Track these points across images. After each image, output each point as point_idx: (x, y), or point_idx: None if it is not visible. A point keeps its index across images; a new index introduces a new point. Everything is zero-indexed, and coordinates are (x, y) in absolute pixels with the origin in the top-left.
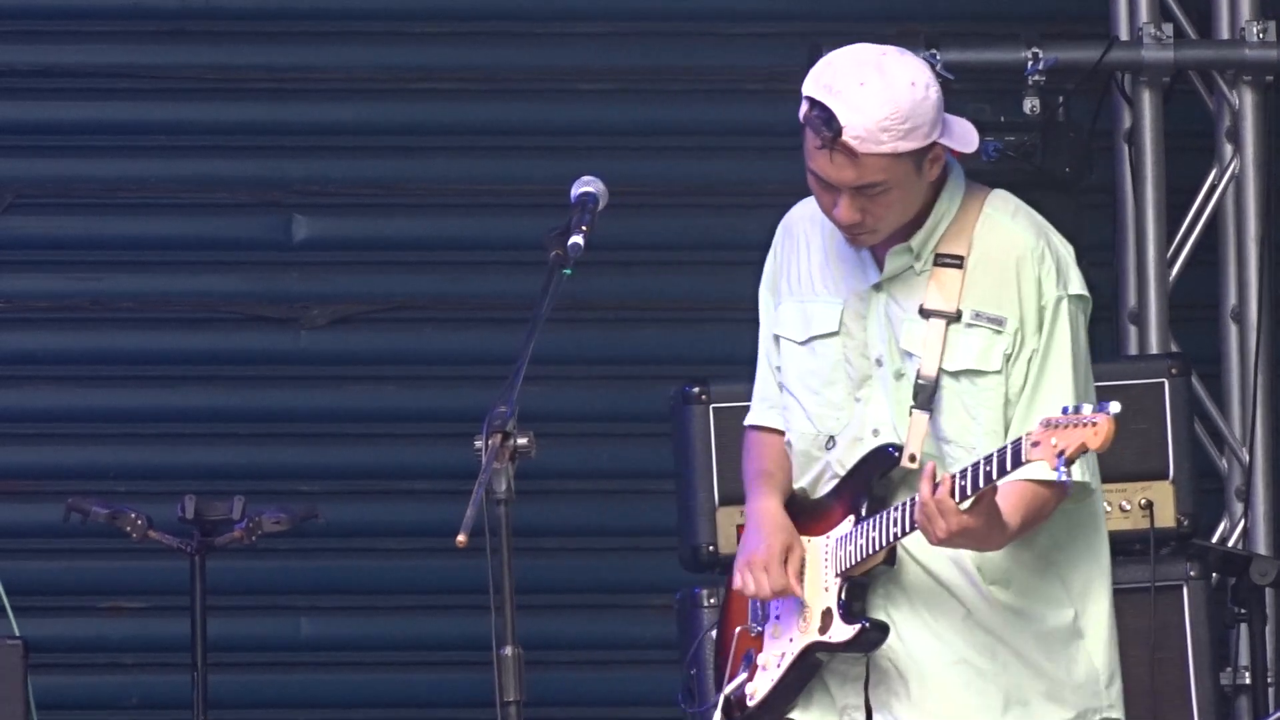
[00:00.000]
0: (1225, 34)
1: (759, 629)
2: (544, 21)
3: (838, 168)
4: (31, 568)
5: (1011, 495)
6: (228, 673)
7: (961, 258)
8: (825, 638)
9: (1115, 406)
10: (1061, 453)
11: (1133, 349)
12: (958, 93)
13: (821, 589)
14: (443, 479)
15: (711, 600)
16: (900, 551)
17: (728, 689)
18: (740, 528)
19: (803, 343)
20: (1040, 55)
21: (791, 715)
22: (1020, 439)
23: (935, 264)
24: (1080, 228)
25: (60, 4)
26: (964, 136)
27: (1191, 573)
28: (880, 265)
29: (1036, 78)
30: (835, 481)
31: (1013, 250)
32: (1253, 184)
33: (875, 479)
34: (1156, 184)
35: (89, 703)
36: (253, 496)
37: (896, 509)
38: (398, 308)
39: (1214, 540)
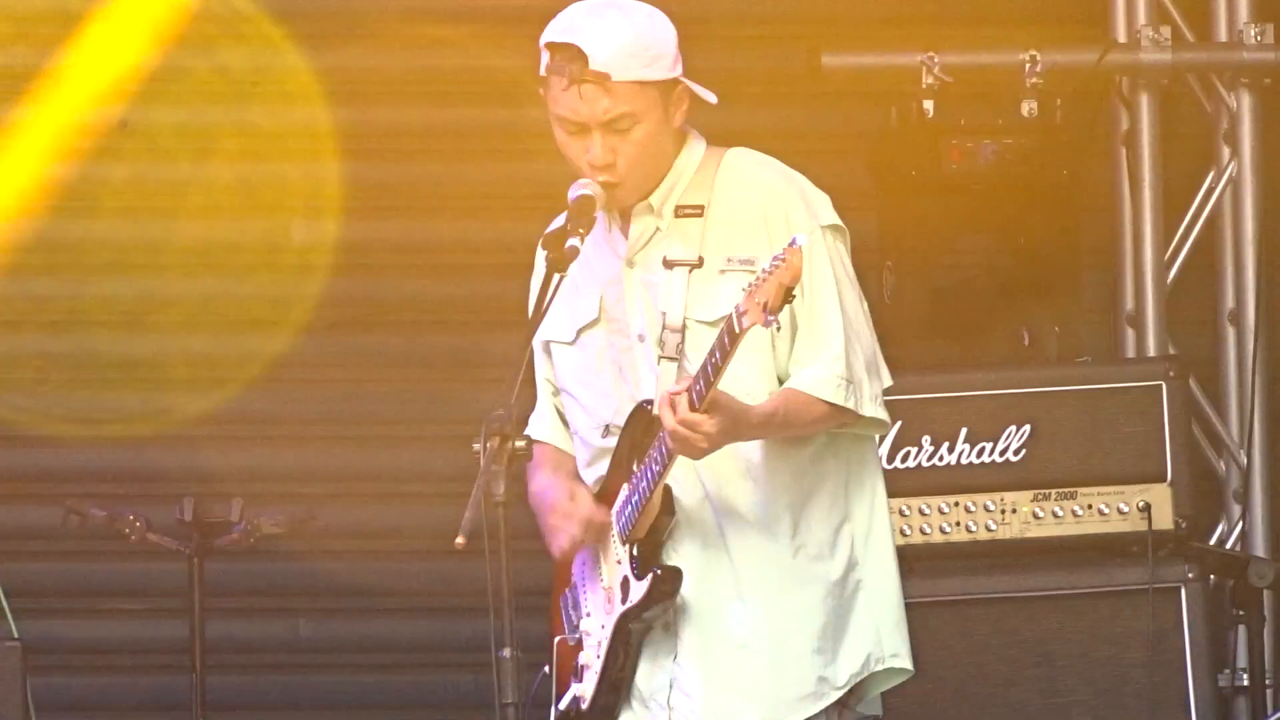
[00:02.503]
0: (1223, 36)
1: (576, 635)
2: (541, 22)
3: (589, 101)
4: (31, 569)
5: (775, 397)
6: (226, 674)
7: (701, 206)
8: (628, 604)
9: (802, 239)
10: (765, 305)
11: (1130, 351)
12: (956, 95)
13: (615, 562)
14: (441, 481)
15: None
16: (685, 500)
17: (562, 704)
18: None
19: (572, 341)
20: (1038, 58)
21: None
22: (730, 314)
23: (676, 216)
24: (1078, 231)
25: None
26: (705, 92)
27: (1189, 574)
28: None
29: (1034, 80)
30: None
31: (757, 191)
32: (1250, 187)
33: (636, 440)
34: (1154, 187)
35: (88, 703)
36: (251, 499)
37: (651, 452)
38: (396, 308)
39: (1212, 542)
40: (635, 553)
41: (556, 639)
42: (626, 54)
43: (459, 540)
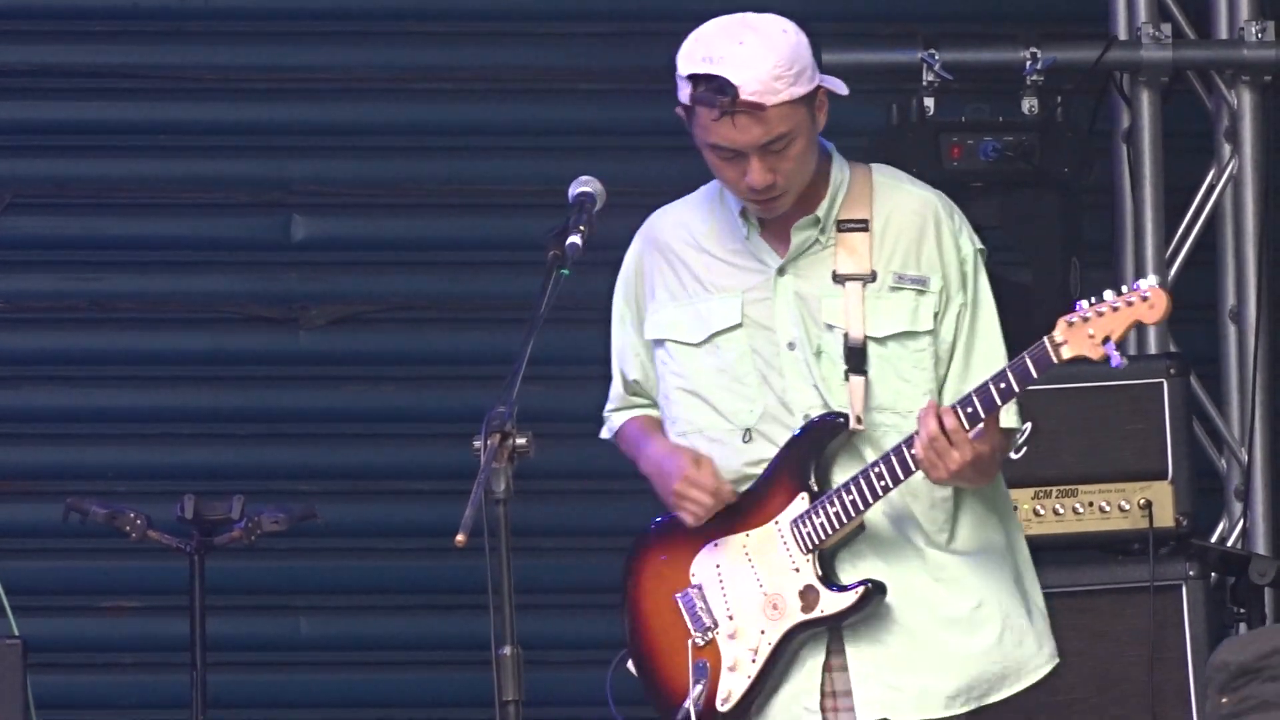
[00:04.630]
0: (1224, 34)
1: (707, 636)
2: (543, 22)
3: (742, 130)
4: (31, 567)
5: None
6: (227, 672)
7: (866, 221)
8: (815, 614)
9: (1152, 280)
10: (1108, 338)
11: (1131, 349)
12: (957, 92)
13: (788, 571)
14: (442, 479)
15: None
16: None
17: (689, 702)
18: None
19: (700, 343)
20: (1039, 55)
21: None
22: (1040, 342)
23: (840, 230)
24: (1078, 228)
25: (58, 4)
26: (837, 83)
27: (1190, 572)
28: (777, 252)
29: (1035, 78)
30: (760, 470)
31: (920, 210)
32: (1251, 184)
33: (816, 452)
34: (1155, 184)
35: (88, 702)
36: (252, 496)
37: (875, 466)
38: (396, 308)
39: (1213, 540)
40: (819, 563)
41: (689, 640)
42: (773, 78)
43: (459, 538)
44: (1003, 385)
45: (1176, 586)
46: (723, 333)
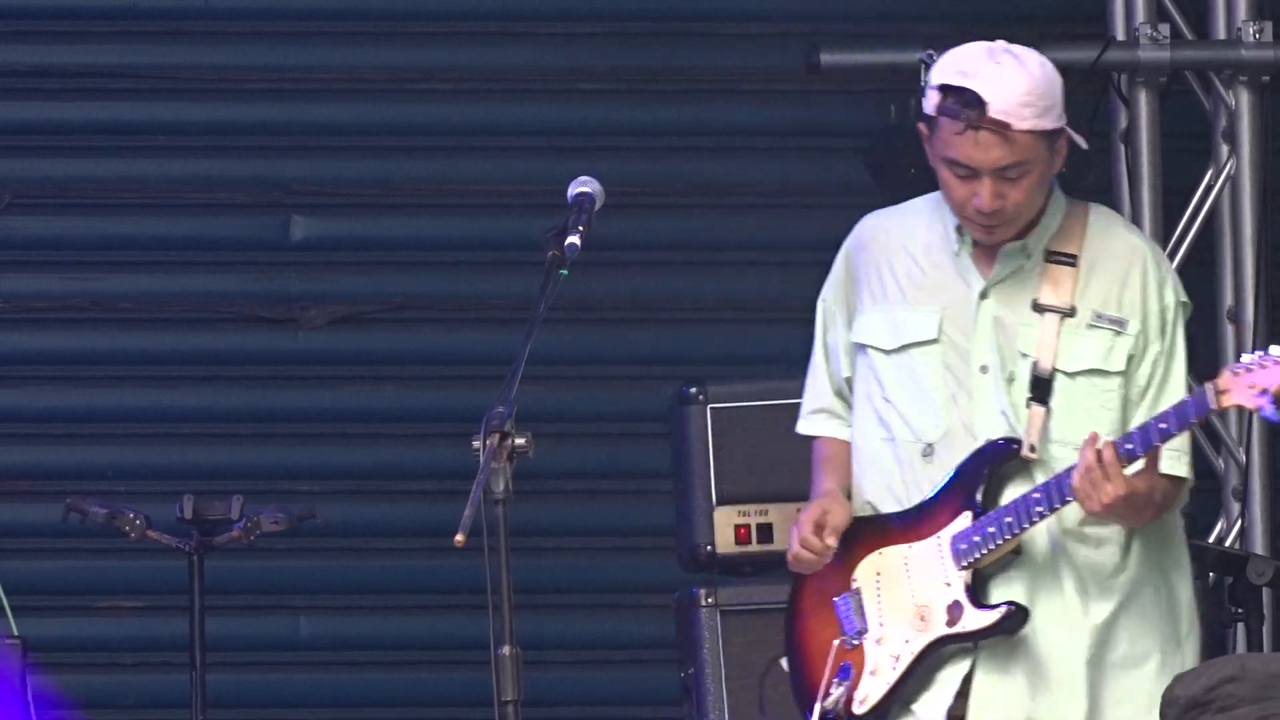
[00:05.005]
0: (1222, 34)
1: (856, 640)
2: (542, 22)
3: (983, 148)
4: (30, 567)
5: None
6: (226, 672)
7: (1075, 256)
8: (957, 629)
9: None
10: (1265, 390)
11: None
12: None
13: (940, 585)
14: (441, 479)
15: (709, 599)
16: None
17: (829, 701)
18: (738, 528)
19: (892, 351)
20: None
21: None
22: (1203, 388)
23: (1047, 260)
24: None
25: (58, 4)
26: (1078, 138)
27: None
28: (982, 274)
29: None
30: (934, 486)
31: (1131, 253)
32: (1249, 184)
33: (988, 474)
34: (1153, 184)
35: (88, 702)
36: (251, 496)
37: (1035, 492)
38: (396, 308)
39: (1211, 540)
40: (970, 580)
41: (835, 641)
42: (1023, 104)
43: (458, 538)
44: (1162, 425)
45: None
46: (917, 345)
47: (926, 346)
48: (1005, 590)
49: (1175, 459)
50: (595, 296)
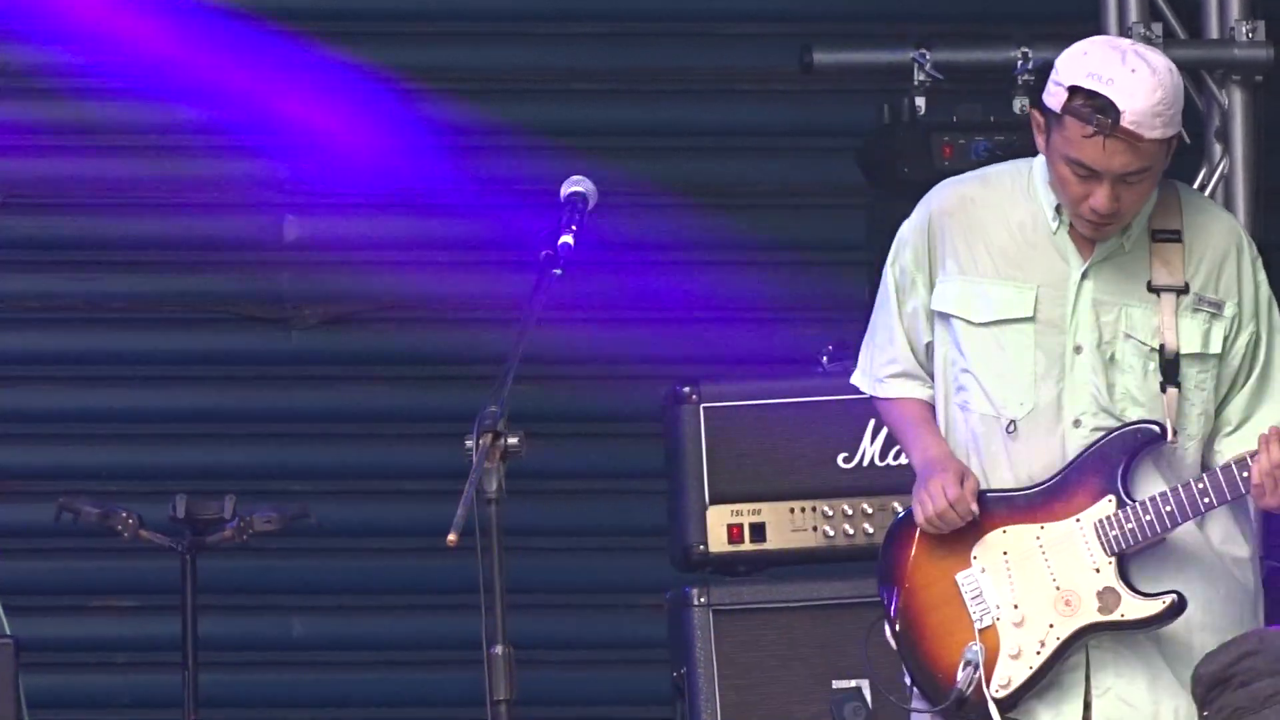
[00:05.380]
0: (1214, 33)
1: (986, 621)
2: (537, 22)
3: (1110, 154)
4: (23, 567)
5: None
6: (219, 672)
7: (1178, 231)
8: (1114, 617)
9: None
10: None
11: None
12: (948, 92)
13: (1088, 570)
14: (434, 479)
15: (702, 599)
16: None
17: (961, 684)
18: (731, 527)
19: (983, 324)
20: (1030, 55)
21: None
22: None
23: (1154, 240)
24: None
25: (51, 3)
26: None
27: None
28: (1082, 254)
29: (1026, 77)
30: (1023, 465)
31: (1228, 235)
32: (1242, 183)
33: (1129, 458)
34: None
35: (81, 702)
36: (244, 496)
37: (1200, 482)
38: (388, 308)
39: None
40: (1120, 568)
41: (973, 625)
42: (1155, 114)
43: (451, 537)
44: None
45: None
46: (1010, 322)
47: (1020, 324)
48: (1156, 581)
49: None
50: (590, 296)
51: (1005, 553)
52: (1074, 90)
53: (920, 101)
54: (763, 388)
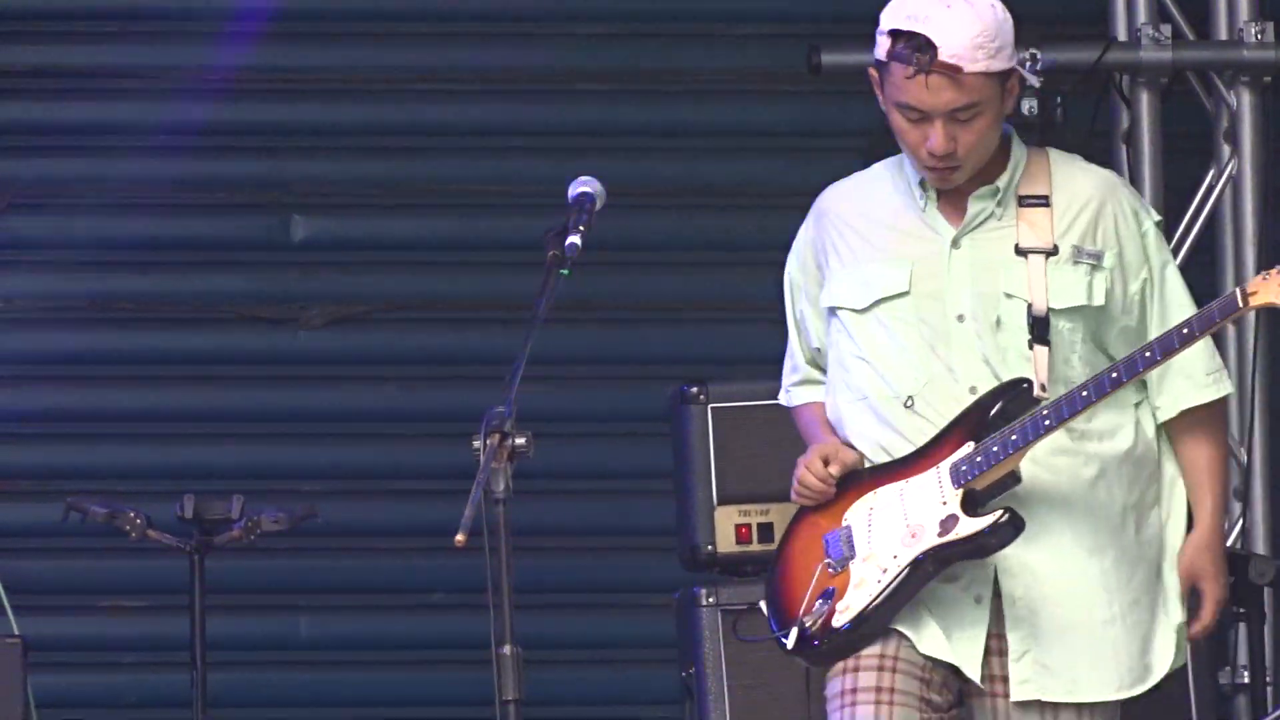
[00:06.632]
0: (1223, 35)
1: (840, 566)
2: (541, 23)
3: (934, 91)
4: (31, 567)
5: (1197, 426)
6: (227, 671)
7: (1046, 196)
8: (949, 538)
9: None
10: None
11: None
12: None
13: (936, 504)
14: (441, 479)
15: (710, 599)
16: (1024, 470)
17: (808, 619)
18: (739, 527)
19: (864, 309)
20: (1038, 56)
21: (898, 627)
22: (1232, 291)
23: (1020, 205)
24: None
25: (57, 4)
26: (1032, 75)
27: None
28: (951, 224)
29: (1034, 79)
30: (923, 435)
31: (1100, 187)
32: (1250, 185)
33: (996, 411)
34: (1154, 185)
35: (88, 701)
36: (251, 496)
37: (1021, 426)
38: (396, 308)
39: None
40: (964, 499)
41: (818, 566)
42: (975, 45)
43: (459, 537)
44: (1185, 330)
45: None
46: (888, 299)
47: (898, 300)
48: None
49: (1214, 382)
50: (596, 296)
51: (871, 509)
52: (894, 34)
53: None
54: (771, 388)
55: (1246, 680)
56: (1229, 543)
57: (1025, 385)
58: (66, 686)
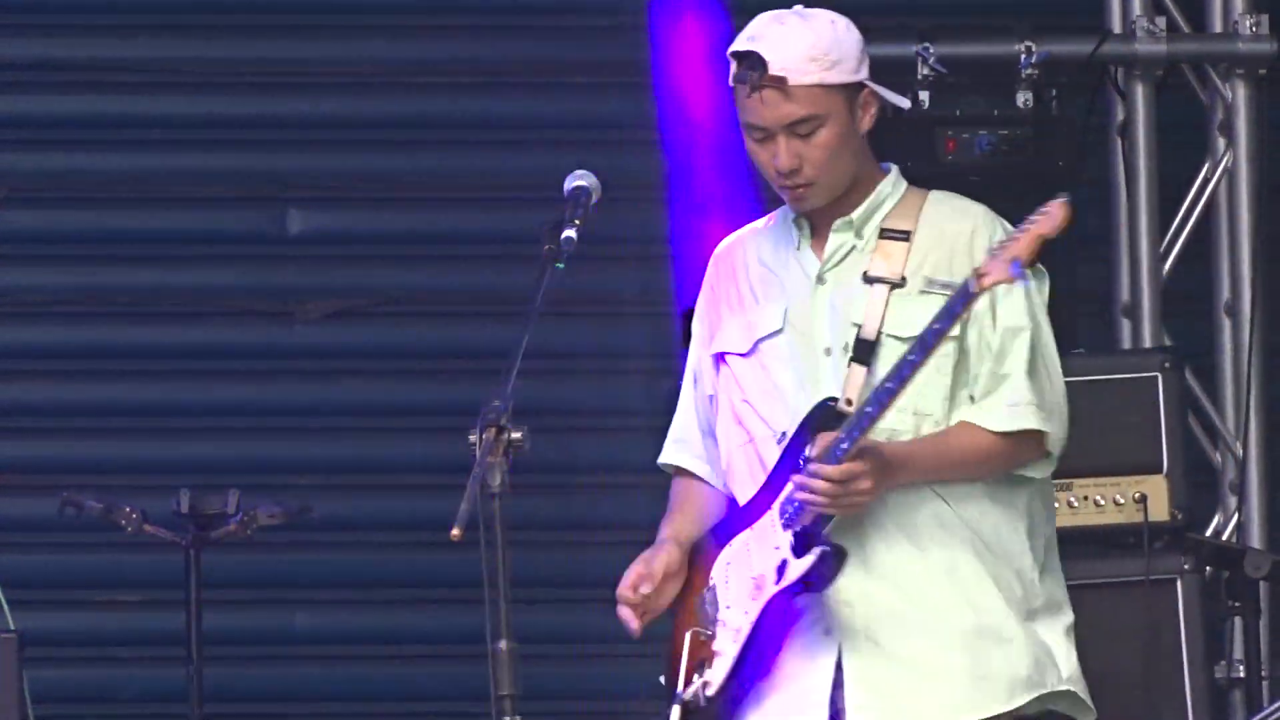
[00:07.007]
0: (1218, 27)
1: (709, 631)
2: (538, 15)
3: (769, 106)
4: (27, 561)
5: (952, 433)
6: (223, 665)
7: (908, 232)
8: (781, 584)
9: (1064, 196)
10: (1015, 259)
11: (1126, 343)
12: (951, 86)
13: (772, 550)
14: (437, 473)
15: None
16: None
17: (687, 693)
18: None
19: (747, 353)
20: (1033, 49)
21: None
22: (964, 281)
23: (881, 237)
24: (1073, 222)
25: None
26: (895, 95)
27: (1185, 566)
28: (819, 260)
29: (1030, 71)
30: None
31: (965, 221)
32: (1245, 177)
33: (810, 438)
34: (1149, 177)
35: (85, 695)
36: (247, 490)
37: (842, 432)
38: (392, 301)
39: (1208, 534)
40: (795, 540)
41: (688, 633)
42: (805, 58)
43: (455, 532)
44: (937, 326)
45: (1171, 580)
46: (766, 339)
47: (774, 339)
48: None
49: (994, 412)
50: (590, 290)
51: (728, 563)
52: (733, 56)
53: (924, 95)
54: None
55: (1242, 675)
56: (1224, 537)
57: (831, 402)
58: (63, 681)
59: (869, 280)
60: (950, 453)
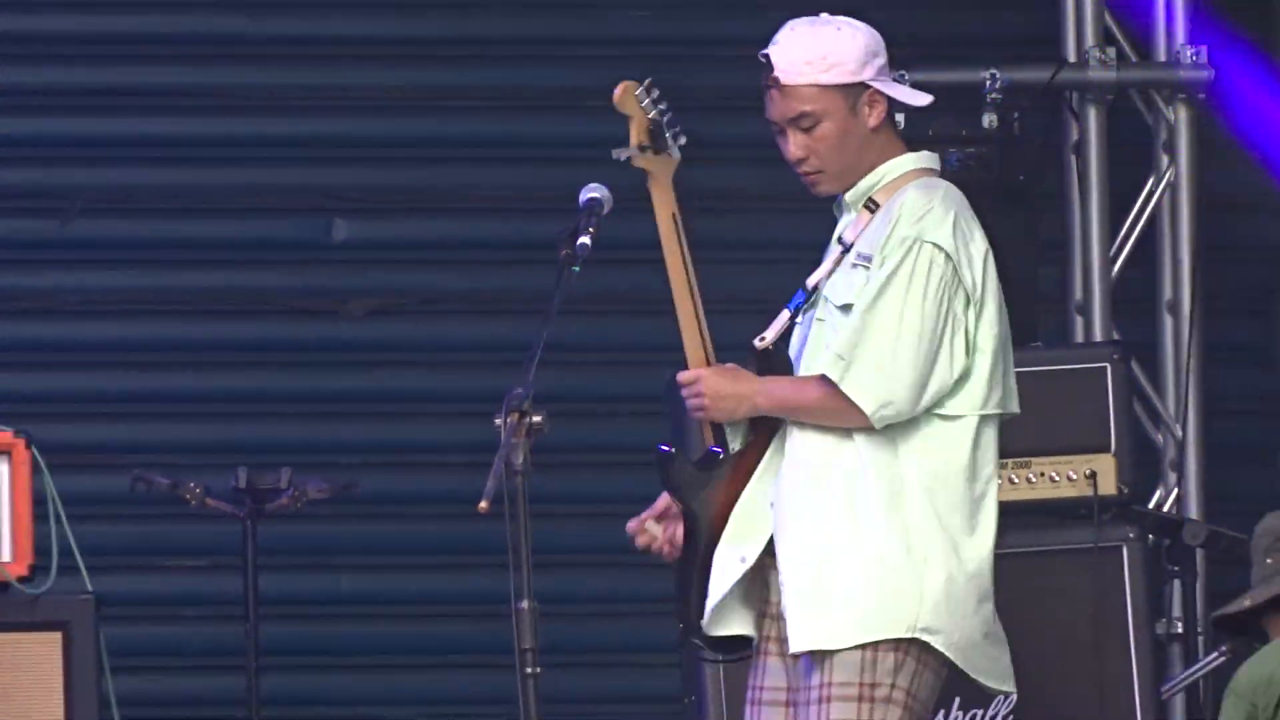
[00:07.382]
0: (1162, 56)
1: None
2: (557, 46)
3: (774, 103)
4: (103, 531)
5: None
6: (277, 624)
7: (877, 204)
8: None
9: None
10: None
11: (1079, 337)
12: (924, 109)
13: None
14: (467, 453)
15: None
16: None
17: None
18: None
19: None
20: (998, 75)
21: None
22: None
23: (863, 207)
24: (1034, 229)
25: (127, 29)
26: (911, 94)
27: (1131, 535)
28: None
29: (994, 96)
30: None
31: (898, 201)
32: (1186, 190)
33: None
34: (1101, 190)
35: (154, 651)
36: (299, 468)
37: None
38: (426, 301)
39: (1151, 506)
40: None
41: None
42: (801, 61)
43: (482, 505)
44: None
45: (1118, 548)
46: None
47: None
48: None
49: (833, 362)
50: (602, 290)
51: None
52: (761, 58)
53: (900, 117)
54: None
55: (1180, 631)
56: (1165, 509)
57: (753, 343)
58: (135, 637)
59: (840, 243)
60: (798, 391)
